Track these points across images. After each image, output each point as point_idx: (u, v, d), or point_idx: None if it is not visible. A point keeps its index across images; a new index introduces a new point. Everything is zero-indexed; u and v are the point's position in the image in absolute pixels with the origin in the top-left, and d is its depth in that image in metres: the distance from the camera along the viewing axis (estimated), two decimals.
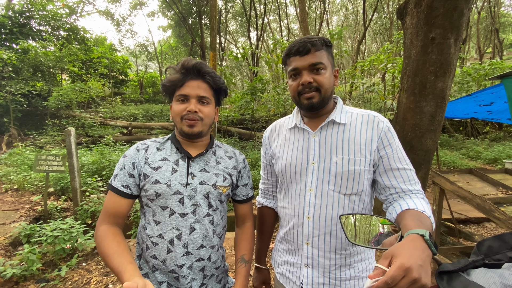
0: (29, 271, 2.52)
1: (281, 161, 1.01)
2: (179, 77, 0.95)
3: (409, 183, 0.87)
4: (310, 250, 0.93)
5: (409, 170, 0.88)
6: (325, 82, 0.90)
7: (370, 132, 0.90)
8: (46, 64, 10.23)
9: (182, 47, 20.17)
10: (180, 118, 0.95)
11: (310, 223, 0.92)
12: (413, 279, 0.53)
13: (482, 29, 22.43)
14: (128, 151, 0.98)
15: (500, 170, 3.07)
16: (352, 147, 0.89)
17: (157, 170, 0.94)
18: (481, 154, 8.28)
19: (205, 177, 0.97)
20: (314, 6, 20.93)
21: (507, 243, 0.69)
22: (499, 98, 3.87)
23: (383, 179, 0.90)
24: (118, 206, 0.93)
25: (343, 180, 0.89)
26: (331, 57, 0.94)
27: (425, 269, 0.56)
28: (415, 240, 0.61)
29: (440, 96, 2.22)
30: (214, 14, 4.21)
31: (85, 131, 9.21)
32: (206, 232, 0.96)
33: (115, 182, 0.93)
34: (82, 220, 3.71)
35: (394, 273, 0.53)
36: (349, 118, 0.95)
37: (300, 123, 0.99)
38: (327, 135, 0.94)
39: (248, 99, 8.30)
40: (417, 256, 0.57)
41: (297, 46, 0.90)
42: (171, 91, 0.98)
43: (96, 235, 0.89)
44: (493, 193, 2.50)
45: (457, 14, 2.02)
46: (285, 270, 1.02)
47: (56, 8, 12.14)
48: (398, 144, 0.91)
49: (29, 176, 5.17)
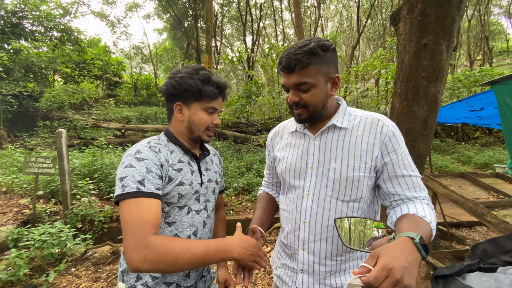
0: (16, 276, 2.44)
1: (282, 164, 1.01)
2: (216, 92, 0.98)
3: (413, 190, 0.85)
4: (306, 256, 0.92)
5: (414, 177, 0.86)
6: (312, 100, 0.86)
7: (372, 137, 0.87)
8: (38, 65, 10.07)
9: (177, 50, 20.15)
10: (205, 128, 1.00)
11: (306, 228, 0.91)
12: (395, 280, 0.54)
13: (472, 36, 23.02)
14: (143, 154, 0.86)
15: (491, 174, 3.12)
16: (352, 153, 0.87)
17: (181, 172, 0.93)
18: (472, 159, 8.43)
19: (210, 175, 1.07)
20: (309, 12, 21.21)
21: (501, 246, 0.69)
22: (489, 104, 3.96)
23: (387, 185, 0.87)
24: (158, 212, 0.82)
25: (341, 186, 0.87)
26: (324, 66, 0.85)
27: (409, 271, 0.56)
28: (403, 242, 0.62)
29: (432, 101, 2.25)
30: (210, 18, 4.22)
31: (77, 133, 9.06)
32: (211, 225, 1.06)
33: (148, 187, 0.81)
34: (72, 224, 3.62)
35: (377, 274, 0.54)
36: (351, 121, 0.91)
37: (300, 128, 0.98)
38: (327, 139, 0.92)
39: (243, 102, 8.30)
40: (402, 257, 0.57)
41: (283, 61, 0.85)
42: (197, 97, 0.96)
43: (156, 250, 0.74)
44: (484, 197, 2.53)
45: (449, 21, 2.06)
46: (283, 273, 1.02)
47: (49, 9, 12.02)
48: (404, 149, 0.88)
49: (18, 178, 5.04)
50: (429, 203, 0.84)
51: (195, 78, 0.94)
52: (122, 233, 0.78)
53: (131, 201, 0.79)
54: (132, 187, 0.80)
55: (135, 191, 0.80)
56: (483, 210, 2.14)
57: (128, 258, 0.74)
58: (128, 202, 0.79)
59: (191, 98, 0.96)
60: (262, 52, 21.68)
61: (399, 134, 0.88)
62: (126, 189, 0.80)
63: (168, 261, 0.74)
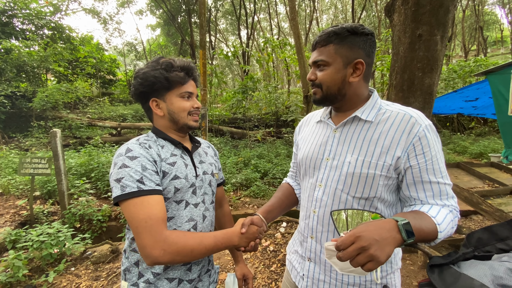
0: (15, 277, 2.43)
1: (301, 152, 1.02)
2: (183, 75, 0.96)
3: (439, 198, 0.78)
4: (314, 245, 0.93)
5: (443, 185, 0.78)
6: (325, 79, 0.86)
7: (399, 134, 0.79)
8: (30, 64, 9.90)
9: (171, 45, 19.92)
10: (187, 113, 0.98)
11: (315, 217, 0.92)
12: (360, 247, 0.56)
13: (467, 27, 23.04)
14: (135, 151, 0.86)
15: (486, 163, 3.15)
16: (372, 149, 0.81)
17: (174, 166, 0.93)
18: (467, 149, 8.50)
19: (205, 167, 1.06)
20: (304, 5, 21.02)
21: (496, 234, 0.69)
22: (484, 94, 3.98)
23: (410, 190, 0.81)
24: (164, 207, 0.85)
25: (353, 181, 0.83)
26: (346, 48, 0.83)
27: (380, 244, 0.58)
28: (385, 222, 0.63)
29: (427, 92, 2.25)
30: (203, 12, 4.16)
31: (72, 133, 8.97)
32: (212, 218, 1.05)
33: (149, 184, 0.83)
34: (70, 224, 3.61)
35: (345, 239, 0.58)
36: (379, 115, 0.85)
37: (324, 118, 0.97)
38: (348, 131, 0.88)
39: (240, 98, 8.27)
40: (375, 232, 0.59)
41: (314, 39, 0.90)
42: (168, 87, 0.95)
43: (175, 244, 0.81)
44: (480, 186, 2.56)
45: (443, 11, 2.05)
46: (294, 259, 1.05)
47: (39, 6, 11.78)
48: (437, 153, 0.78)
49: (14, 180, 5.00)
50: (452, 210, 0.78)
51: (158, 68, 0.93)
52: (134, 232, 0.81)
53: (135, 201, 0.81)
54: (133, 187, 0.81)
55: (137, 191, 0.81)
56: (479, 199, 2.17)
57: (148, 254, 0.79)
58: (133, 202, 0.81)
59: (162, 89, 0.95)
60: (257, 46, 21.52)
61: (432, 136, 0.79)
62: (127, 189, 0.81)
63: (185, 253, 0.82)
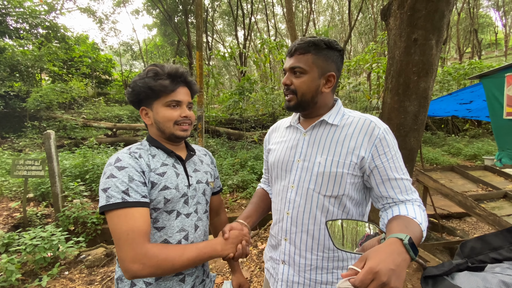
0: (8, 282, 2.40)
1: (272, 156, 1.05)
2: (169, 83, 0.93)
3: (405, 193, 0.86)
4: (287, 247, 0.95)
5: (406, 180, 0.87)
6: (301, 86, 0.90)
7: (362, 137, 0.88)
8: (24, 64, 9.76)
9: (168, 46, 19.82)
10: (173, 123, 0.95)
11: (289, 219, 0.94)
12: (381, 283, 0.54)
13: (461, 29, 23.31)
14: (124, 162, 0.85)
15: (480, 166, 3.18)
16: (339, 149, 0.88)
17: (164, 176, 0.91)
18: (461, 151, 8.60)
19: (199, 176, 1.04)
20: (301, 6, 21.09)
21: (489, 244, 0.70)
22: (478, 97, 4.03)
23: (379, 189, 0.88)
24: (148, 220, 0.83)
25: (323, 180, 0.89)
26: (322, 60, 0.90)
27: (397, 274, 0.56)
28: (392, 244, 0.62)
29: (423, 96, 2.27)
30: (200, 13, 4.14)
31: (67, 133, 8.86)
32: (205, 228, 1.03)
33: (134, 196, 0.81)
34: (64, 227, 3.57)
35: (363, 277, 0.55)
36: (344, 120, 0.94)
37: (294, 122, 1.02)
38: (317, 134, 0.94)
39: (237, 99, 8.26)
40: (390, 260, 0.57)
41: (290, 46, 0.93)
42: (154, 96, 0.94)
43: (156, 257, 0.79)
44: (473, 190, 2.58)
45: (438, 16, 2.07)
46: (270, 266, 1.06)
47: (34, 5, 11.64)
48: (396, 152, 0.88)
49: (7, 181, 4.92)
50: (420, 205, 0.85)
51: (144, 77, 0.92)
52: (116, 244, 0.79)
53: (119, 212, 0.80)
54: (117, 198, 0.80)
55: (121, 202, 0.80)
56: (472, 203, 2.19)
57: (127, 268, 0.77)
58: (117, 213, 0.80)
59: (149, 99, 0.94)
60: (254, 47, 21.52)
61: (390, 137, 0.89)
62: (111, 200, 0.80)
63: (166, 266, 0.81)
